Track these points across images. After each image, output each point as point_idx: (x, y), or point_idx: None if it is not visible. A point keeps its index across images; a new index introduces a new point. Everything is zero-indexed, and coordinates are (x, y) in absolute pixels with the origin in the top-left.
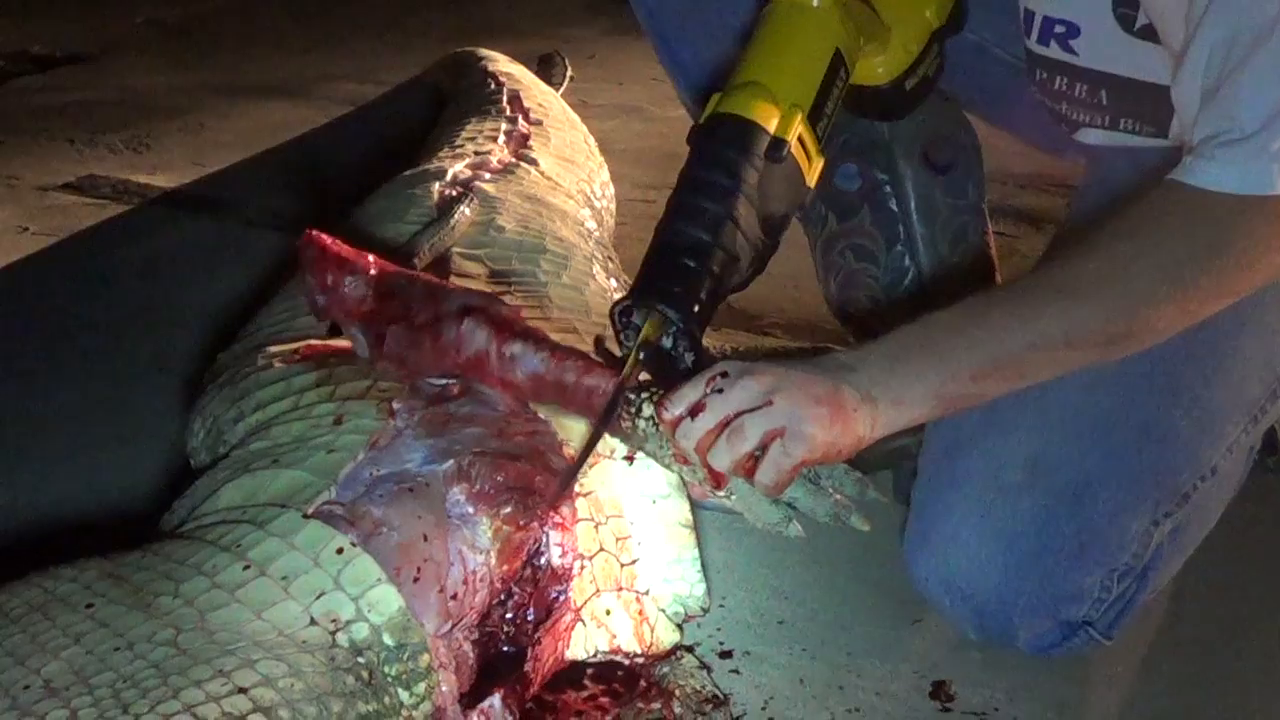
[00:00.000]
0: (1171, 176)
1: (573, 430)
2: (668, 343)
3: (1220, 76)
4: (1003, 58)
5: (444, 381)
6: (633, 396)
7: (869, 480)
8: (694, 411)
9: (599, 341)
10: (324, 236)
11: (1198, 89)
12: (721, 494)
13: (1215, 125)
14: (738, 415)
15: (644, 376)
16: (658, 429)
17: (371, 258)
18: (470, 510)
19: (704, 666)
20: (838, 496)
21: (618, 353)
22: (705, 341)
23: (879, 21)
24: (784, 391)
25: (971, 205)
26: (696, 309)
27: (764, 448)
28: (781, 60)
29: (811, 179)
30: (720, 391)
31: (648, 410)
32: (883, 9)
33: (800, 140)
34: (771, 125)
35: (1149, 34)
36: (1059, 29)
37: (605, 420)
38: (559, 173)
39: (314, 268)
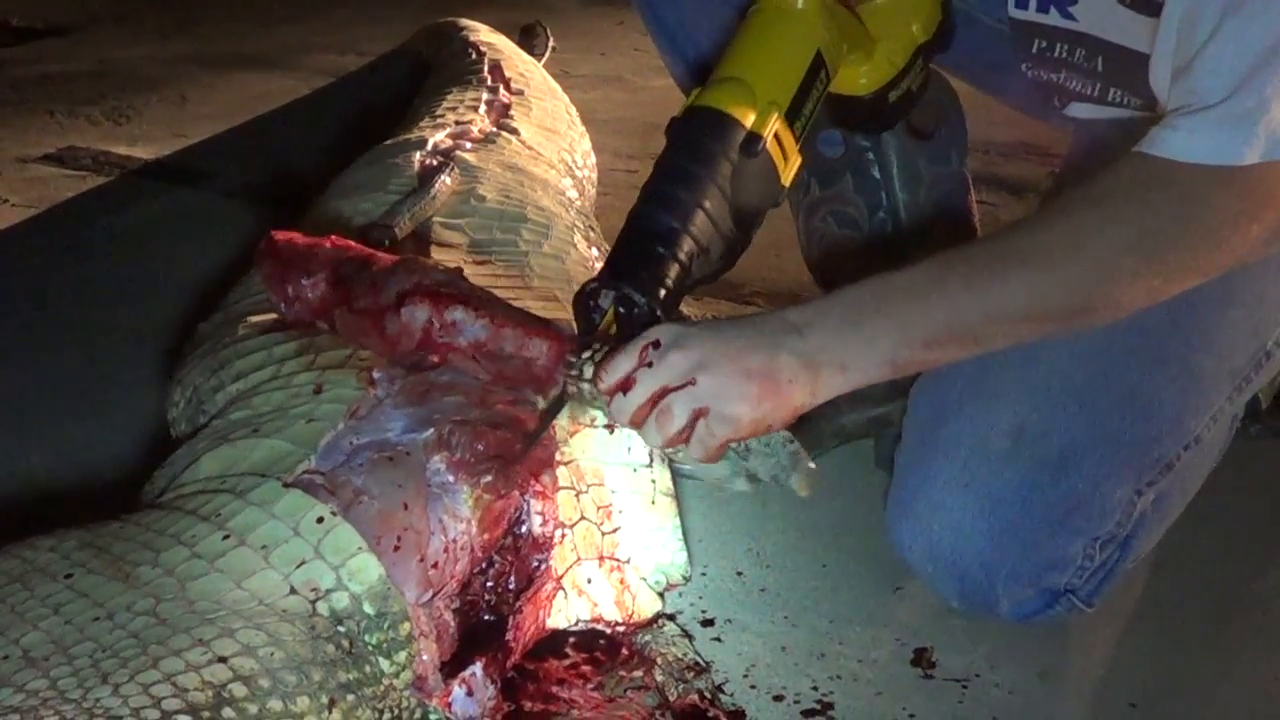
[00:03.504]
0: (1137, 147)
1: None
2: (632, 325)
3: (1190, 52)
4: (989, 24)
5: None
6: (574, 360)
7: (804, 452)
8: (625, 386)
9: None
10: (277, 242)
11: (1169, 68)
12: (670, 452)
13: (1183, 98)
14: (665, 393)
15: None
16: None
17: (328, 243)
18: (451, 479)
19: (686, 634)
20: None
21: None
22: (685, 312)
23: (865, 32)
24: (711, 367)
25: (954, 173)
26: (663, 294)
27: (692, 424)
28: (762, 58)
29: (787, 178)
30: (650, 365)
31: (589, 371)
32: (869, 20)
33: (777, 137)
34: (748, 120)
35: (1138, 5)
36: None
37: (558, 403)
38: (540, 142)
39: (270, 283)
